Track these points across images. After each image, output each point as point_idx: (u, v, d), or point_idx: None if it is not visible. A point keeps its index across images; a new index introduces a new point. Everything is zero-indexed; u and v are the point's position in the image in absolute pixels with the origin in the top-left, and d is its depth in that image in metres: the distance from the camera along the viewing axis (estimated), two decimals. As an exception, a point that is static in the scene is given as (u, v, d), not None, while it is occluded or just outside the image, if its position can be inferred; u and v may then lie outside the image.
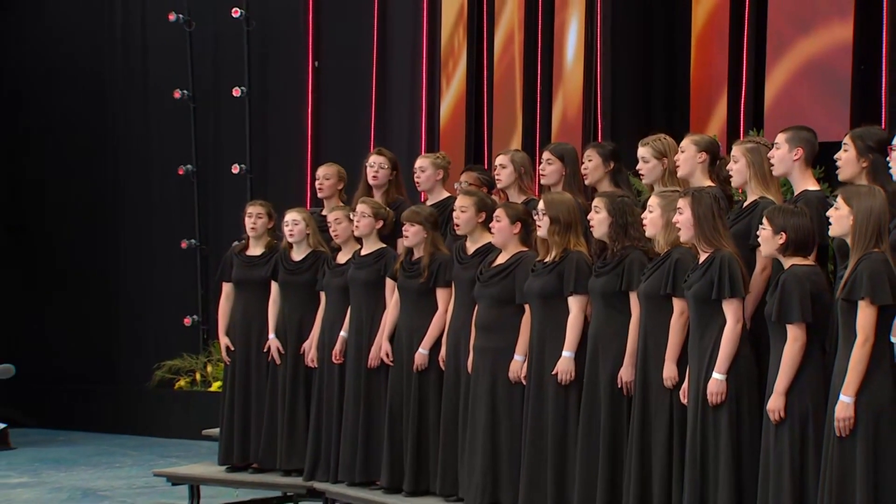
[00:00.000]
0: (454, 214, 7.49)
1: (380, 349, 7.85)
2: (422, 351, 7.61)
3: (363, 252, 8.05)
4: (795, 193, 6.32)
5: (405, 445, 7.64)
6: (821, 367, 5.75)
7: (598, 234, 6.72)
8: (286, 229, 8.39)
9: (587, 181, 7.41)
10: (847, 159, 6.09)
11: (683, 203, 6.15)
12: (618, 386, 6.55)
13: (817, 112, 8.47)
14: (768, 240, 5.83)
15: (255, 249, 8.62)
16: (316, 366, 8.24)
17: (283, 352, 8.39)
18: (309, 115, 12.17)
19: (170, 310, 12.98)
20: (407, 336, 7.69)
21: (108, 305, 13.63)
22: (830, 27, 8.62)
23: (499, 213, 7.22)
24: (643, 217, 6.50)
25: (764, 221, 5.84)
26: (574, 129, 9.97)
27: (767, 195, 6.34)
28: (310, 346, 8.28)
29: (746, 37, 9.11)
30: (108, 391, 13.40)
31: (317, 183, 8.60)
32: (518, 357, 7.06)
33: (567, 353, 6.77)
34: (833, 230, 5.64)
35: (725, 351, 5.97)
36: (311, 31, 12.20)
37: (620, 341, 6.55)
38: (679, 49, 9.75)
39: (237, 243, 8.85)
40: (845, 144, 6.12)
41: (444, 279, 7.58)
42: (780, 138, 6.34)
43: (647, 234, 6.48)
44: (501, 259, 7.21)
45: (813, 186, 6.32)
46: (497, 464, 7.08)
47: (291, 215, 8.40)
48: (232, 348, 8.60)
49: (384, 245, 8.05)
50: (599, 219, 6.68)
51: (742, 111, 9.12)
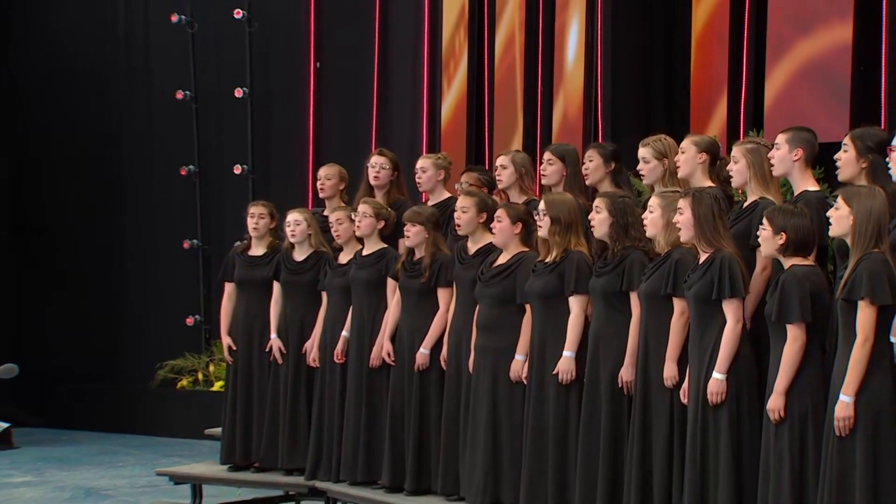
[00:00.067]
0: (455, 215, 7.50)
1: (381, 349, 7.85)
2: (423, 351, 7.62)
3: (365, 252, 8.06)
4: (795, 194, 6.33)
5: (406, 445, 7.65)
6: (820, 367, 5.75)
7: (599, 235, 6.73)
8: (288, 229, 8.39)
9: (588, 182, 7.42)
10: (847, 160, 6.10)
11: (684, 203, 6.16)
12: (618, 386, 6.56)
13: (817, 113, 8.47)
14: (768, 240, 5.84)
15: (257, 249, 8.63)
16: (318, 365, 8.24)
17: (285, 351, 8.40)
18: (310, 116, 12.16)
19: (172, 310, 12.97)
20: (408, 336, 7.70)
21: (111, 305, 13.63)
22: (830, 28, 8.62)
23: (500, 214, 7.22)
24: (644, 217, 6.51)
25: (764, 222, 5.85)
26: (575, 130, 9.97)
27: (767, 196, 6.34)
28: (311, 346, 8.29)
29: (746, 38, 9.11)
30: (111, 391, 13.39)
31: (318, 183, 8.61)
32: (519, 357, 7.07)
33: (568, 353, 6.78)
34: (833, 230, 5.65)
35: (725, 351, 5.98)
36: (313, 32, 12.19)
37: (621, 341, 6.55)
38: (679, 50, 9.75)
39: (239, 243, 8.84)
40: (845, 145, 6.13)
41: (446, 279, 7.59)
42: (780, 139, 6.35)
43: (648, 235, 6.48)
44: (502, 259, 7.23)
45: (813, 187, 6.33)
46: (498, 463, 7.09)
47: (293, 215, 8.41)
48: (234, 348, 8.60)
49: (385, 245, 8.06)
50: (600, 219, 6.69)
51: (742, 112, 9.12)
